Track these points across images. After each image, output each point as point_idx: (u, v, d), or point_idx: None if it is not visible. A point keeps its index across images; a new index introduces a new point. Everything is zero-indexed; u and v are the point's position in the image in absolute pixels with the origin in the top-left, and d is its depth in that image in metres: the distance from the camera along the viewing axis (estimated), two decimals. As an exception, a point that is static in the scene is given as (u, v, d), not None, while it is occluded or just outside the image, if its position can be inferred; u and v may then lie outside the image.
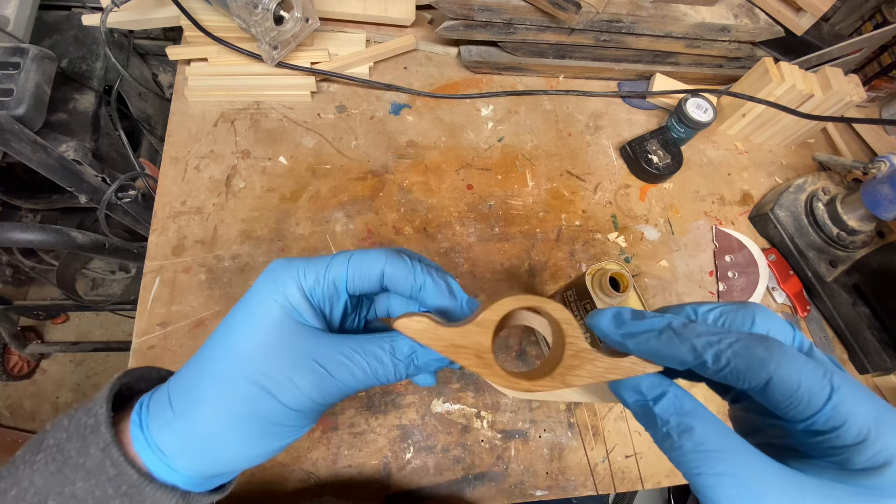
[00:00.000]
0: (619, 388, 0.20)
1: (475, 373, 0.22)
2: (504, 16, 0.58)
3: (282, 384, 0.20)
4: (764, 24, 0.64)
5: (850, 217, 0.58)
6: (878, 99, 0.79)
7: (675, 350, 0.18)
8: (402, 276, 0.23)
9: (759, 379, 0.17)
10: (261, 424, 0.20)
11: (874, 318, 0.58)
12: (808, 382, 0.16)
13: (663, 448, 0.18)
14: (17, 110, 0.59)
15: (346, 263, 0.22)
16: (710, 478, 0.16)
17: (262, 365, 0.20)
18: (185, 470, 0.21)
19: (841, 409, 0.16)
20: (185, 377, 0.21)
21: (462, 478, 0.46)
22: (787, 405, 0.17)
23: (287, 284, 0.21)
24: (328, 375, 0.20)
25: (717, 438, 0.17)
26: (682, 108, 0.62)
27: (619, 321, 0.20)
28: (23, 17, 0.65)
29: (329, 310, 0.23)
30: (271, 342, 0.21)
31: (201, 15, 0.54)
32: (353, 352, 0.21)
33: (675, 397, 0.18)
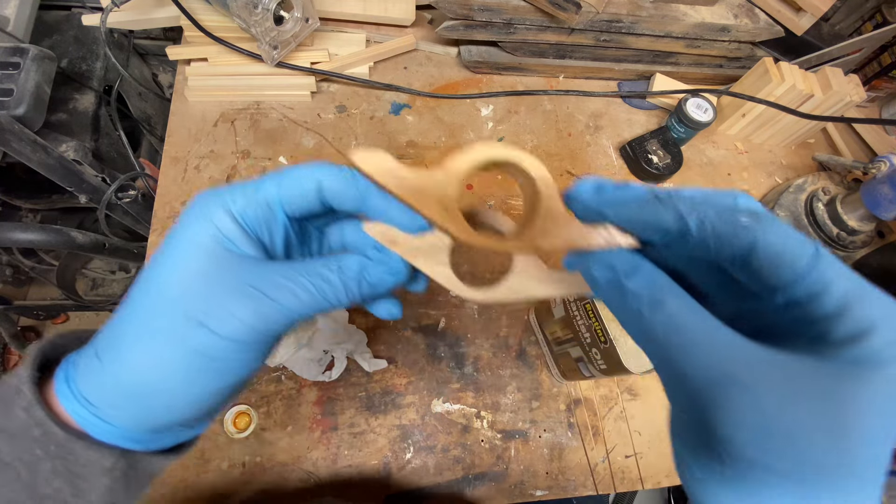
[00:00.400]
0: (590, 265, 0.19)
1: (437, 226, 0.20)
2: (504, 16, 0.58)
3: (215, 314, 0.18)
4: (764, 24, 0.64)
5: (850, 217, 0.58)
6: (878, 99, 0.79)
7: (658, 215, 0.17)
8: (341, 187, 0.20)
9: (743, 243, 0.16)
10: (197, 360, 0.18)
11: (874, 318, 0.58)
12: (792, 246, 0.16)
13: (632, 329, 0.18)
14: (17, 110, 0.59)
15: (278, 179, 0.20)
16: (680, 350, 0.16)
17: (192, 296, 0.18)
18: (119, 422, 0.19)
19: (823, 274, 0.16)
20: (112, 324, 0.19)
21: (462, 478, 0.46)
22: (769, 271, 0.16)
23: (214, 211, 0.19)
24: (267, 299, 0.18)
25: (689, 314, 0.16)
26: (682, 108, 0.62)
27: (601, 190, 0.19)
28: (23, 17, 0.65)
29: (268, 236, 0.21)
30: (201, 273, 0.19)
31: (201, 15, 0.54)
32: (295, 273, 0.19)
33: (648, 272, 0.18)
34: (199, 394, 0.19)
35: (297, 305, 0.19)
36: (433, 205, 0.19)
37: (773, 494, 0.15)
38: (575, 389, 0.51)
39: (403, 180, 0.19)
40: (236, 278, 0.19)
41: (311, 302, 0.19)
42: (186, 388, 0.18)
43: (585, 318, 0.41)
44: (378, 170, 0.19)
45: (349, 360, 0.47)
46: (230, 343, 0.18)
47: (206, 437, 0.43)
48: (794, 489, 0.15)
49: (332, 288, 0.20)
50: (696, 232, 0.17)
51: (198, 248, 0.19)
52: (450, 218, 0.20)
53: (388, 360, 0.48)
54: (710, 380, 0.15)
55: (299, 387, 0.46)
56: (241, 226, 0.19)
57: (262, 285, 0.18)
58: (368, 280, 0.21)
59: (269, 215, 0.20)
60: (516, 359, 0.51)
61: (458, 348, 0.51)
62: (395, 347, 0.50)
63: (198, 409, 0.19)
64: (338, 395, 0.47)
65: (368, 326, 0.49)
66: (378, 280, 0.21)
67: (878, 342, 0.15)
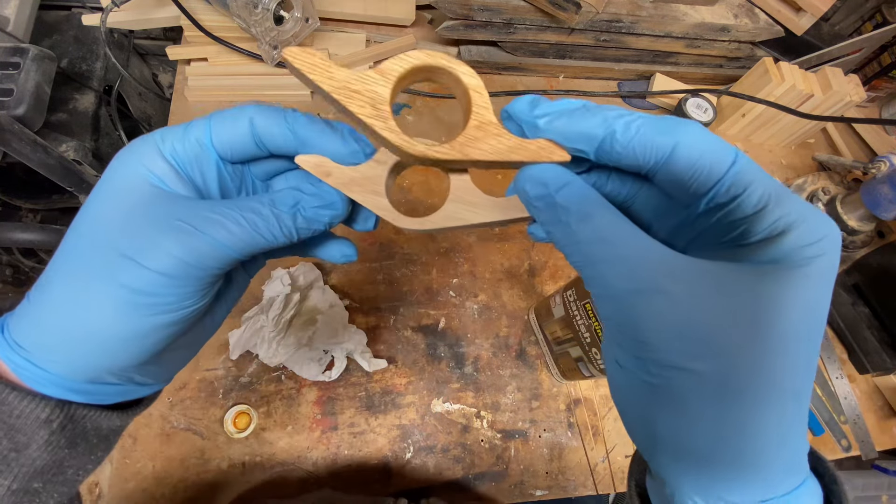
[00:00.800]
0: (522, 181, 0.19)
1: (367, 126, 0.19)
2: (504, 16, 0.58)
3: (144, 248, 0.17)
4: (764, 24, 0.64)
5: (850, 217, 0.58)
6: (878, 99, 0.79)
7: (587, 123, 0.18)
8: (273, 123, 0.20)
9: (665, 147, 0.16)
10: (125, 295, 0.17)
11: (874, 318, 0.58)
12: (712, 148, 0.16)
13: (564, 244, 0.18)
14: (17, 110, 0.59)
15: (208, 118, 0.20)
16: (607, 262, 0.16)
17: (120, 232, 0.18)
18: (53, 368, 0.18)
19: (742, 176, 0.16)
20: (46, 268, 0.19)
21: (462, 477, 0.46)
22: (691, 175, 0.17)
23: (144, 150, 0.19)
24: (197, 232, 0.18)
25: (616, 227, 0.17)
26: (682, 108, 0.62)
27: (536, 103, 0.19)
28: (23, 17, 0.65)
29: (200, 176, 0.20)
30: (129, 210, 0.18)
31: (201, 15, 0.54)
32: (225, 208, 0.19)
33: (579, 186, 0.18)
34: (132, 332, 0.18)
35: (228, 239, 0.18)
36: (365, 104, 0.19)
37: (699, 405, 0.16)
38: (575, 389, 0.51)
39: (333, 75, 0.19)
40: (166, 214, 0.18)
41: (243, 236, 0.19)
42: (117, 326, 0.18)
43: (585, 318, 0.41)
44: (307, 65, 0.18)
45: (349, 359, 0.47)
46: (160, 277, 0.18)
47: (206, 437, 0.43)
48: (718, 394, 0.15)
49: (264, 221, 0.19)
50: (621, 136, 0.17)
51: (127, 187, 0.19)
52: (379, 116, 0.19)
53: (388, 359, 0.48)
54: (633, 289, 0.16)
55: (299, 387, 0.46)
56: (171, 164, 0.19)
57: (191, 219, 0.18)
58: (303, 214, 0.20)
59: (200, 153, 0.20)
60: (516, 359, 0.51)
61: (458, 348, 0.51)
62: (395, 347, 0.50)
63: (135, 353, 0.19)
64: (338, 395, 0.47)
65: (368, 326, 0.49)
66: (313, 214, 0.20)
67: (795, 241, 0.15)
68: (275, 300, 0.45)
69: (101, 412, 0.20)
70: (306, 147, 0.20)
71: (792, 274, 0.15)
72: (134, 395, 0.21)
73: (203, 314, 0.21)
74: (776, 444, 0.16)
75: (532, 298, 0.54)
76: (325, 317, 0.47)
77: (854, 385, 0.58)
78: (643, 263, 0.16)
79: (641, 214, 0.21)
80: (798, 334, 0.15)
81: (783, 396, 0.16)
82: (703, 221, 0.18)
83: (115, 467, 0.41)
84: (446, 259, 0.55)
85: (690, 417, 0.16)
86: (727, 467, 0.16)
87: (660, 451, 0.18)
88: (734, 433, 0.16)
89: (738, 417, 0.16)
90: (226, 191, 0.21)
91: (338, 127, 0.21)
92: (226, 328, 0.46)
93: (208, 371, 0.45)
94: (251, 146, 0.20)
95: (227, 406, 0.44)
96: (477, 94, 0.19)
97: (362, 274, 0.52)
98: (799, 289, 0.15)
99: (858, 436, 0.55)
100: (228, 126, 0.20)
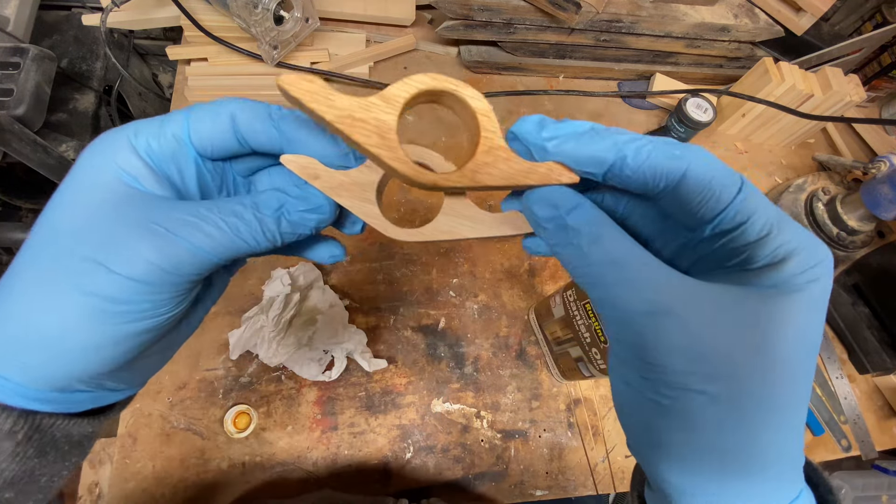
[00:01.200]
0: (531, 203, 0.19)
1: (373, 155, 0.18)
2: (504, 16, 0.58)
3: (115, 252, 0.16)
4: (764, 24, 0.64)
5: (850, 217, 0.58)
6: (878, 99, 0.79)
7: (597, 146, 0.18)
8: (257, 120, 0.19)
9: (676, 172, 0.17)
10: (94, 302, 0.16)
11: (874, 318, 0.58)
12: (720, 175, 0.17)
13: (573, 266, 0.18)
14: (17, 110, 0.59)
15: (186, 112, 0.18)
16: (617, 284, 0.17)
17: (88, 235, 0.17)
18: (16, 377, 0.17)
19: (748, 202, 0.17)
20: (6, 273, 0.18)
21: (462, 477, 0.46)
22: (699, 200, 0.17)
23: (115, 146, 0.18)
24: (173, 236, 0.17)
25: (626, 249, 0.17)
26: (682, 108, 0.62)
27: (543, 125, 0.18)
28: (23, 17, 0.65)
29: (177, 174, 0.19)
30: (99, 210, 0.17)
31: (201, 15, 0.54)
32: (205, 210, 0.18)
33: (589, 208, 0.18)
34: (102, 341, 0.17)
35: (207, 244, 0.17)
36: (371, 133, 0.18)
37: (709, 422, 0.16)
38: (575, 389, 0.51)
39: (334, 104, 0.17)
40: (139, 215, 0.17)
41: (224, 241, 0.18)
42: (85, 334, 0.17)
43: (585, 318, 0.41)
44: (306, 94, 0.17)
45: (349, 359, 0.47)
46: (133, 283, 0.16)
47: (206, 437, 0.43)
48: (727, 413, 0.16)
49: (246, 226, 0.18)
50: (632, 160, 0.17)
51: (96, 185, 0.17)
52: (386, 145, 0.18)
53: (388, 359, 0.48)
54: (643, 312, 0.16)
55: (299, 387, 0.46)
56: (145, 162, 0.18)
57: (168, 222, 0.17)
58: (288, 218, 0.19)
59: (178, 150, 0.18)
60: (516, 359, 0.51)
61: (458, 348, 0.51)
62: (395, 347, 0.50)
63: (105, 361, 0.17)
64: (338, 395, 0.47)
65: (368, 326, 0.49)
66: (298, 218, 0.19)
67: (796, 267, 0.16)
68: (275, 300, 0.45)
69: (71, 420, 0.19)
70: (292, 146, 0.19)
71: (793, 298, 0.16)
72: (105, 400, 0.20)
73: (180, 319, 0.20)
74: (777, 456, 0.17)
75: (532, 298, 0.54)
76: (325, 317, 0.47)
77: (854, 385, 0.58)
78: (654, 286, 0.16)
79: (640, 229, 0.21)
80: (798, 353, 0.16)
81: (786, 412, 0.16)
82: (706, 245, 0.18)
83: (115, 467, 0.41)
84: (446, 259, 0.55)
85: (699, 434, 0.16)
86: (732, 479, 0.17)
87: (665, 464, 0.18)
88: (741, 448, 0.16)
89: (744, 433, 0.16)
90: (206, 189, 0.20)
91: None
92: (226, 328, 0.46)
93: (208, 371, 0.45)
94: (233, 143, 0.19)
95: (227, 406, 0.44)
96: (485, 118, 0.19)
97: (362, 274, 0.52)
98: (800, 312, 0.16)
99: (858, 436, 0.55)
100: (208, 122, 0.18)
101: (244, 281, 0.49)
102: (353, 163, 0.20)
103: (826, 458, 0.54)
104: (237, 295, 0.49)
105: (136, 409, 0.43)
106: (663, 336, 0.16)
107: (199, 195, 0.20)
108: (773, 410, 0.16)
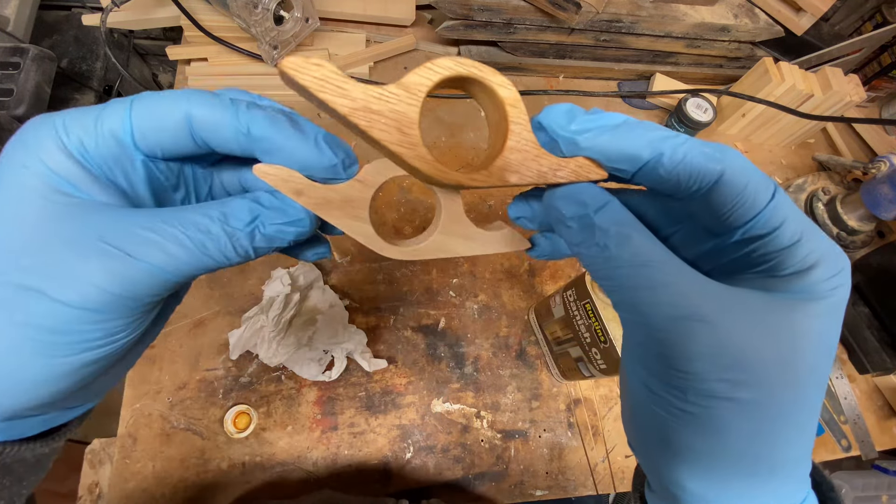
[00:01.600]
0: (557, 199, 0.18)
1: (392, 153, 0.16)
2: (504, 16, 0.58)
3: (55, 277, 0.14)
4: (764, 24, 0.64)
5: (850, 217, 0.58)
6: (878, 99, 0.79)
7: (633, 142, 0.17)
8: (220, 120, 0.16)
9: (712, 174, 0.16)
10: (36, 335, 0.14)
11: (874, 318, 0.58)
12: (755, 180, 0.16)
13: (597, 266, 0.17)
14: (17, 110, 0.59)
15: (128, 107, 0.15)
16: (645, 287, 0.16)
17: (19, 256, 0.14)
18: None
19: (780, 209, 0.16)
20: None
21: (462, 477, 0.46)
22: (732, 204, 0.16)
23: (42, 145, 0.15)
24: (126, 256, 0.14)
25: (654, 250, 0.16)
26: (682, 108, 0.62)
27: (572, 115, 0.17)
28: (23, 17, 0.65)
29: (123, 178, 0.16)
30: (31, 225, 0.14)
31: (201, 15, 0.54)
32: (162, 223, 0.15)
33: (617, 207, 0.17)
34: (47, 375, 0.15)
35: (168, 263, 0.15)
36: (391, 128, 0.16)
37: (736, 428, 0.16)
38: (575, 389, 0.51)
39: (347, 93, 0.15)
40: (82, 230, 0.14)
41: (188, 259, 0.15)
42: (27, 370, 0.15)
43: (585, 318, 0.41)
44: (314, 81, 0.15)
45: (349, 359, 0.47)
46: (80, 312, 0.14)
47: (206, 437, 0.43)
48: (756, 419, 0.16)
49: (214, 242, 0.16)
50: (668, 160, 0.16)
51: (23, 193, 0.14)
52: (409, 142, 0.16)
53: (388, 359, 0.48)
54: (672, 316, 0.16)
55: (299, 387, 0.46)
56: (80, 164, 0.15)
57: (118, 239, 0.14)
58: (263, 232, 0.17)
59: (119, 152, 0.15)
60: (516, 359, 0.51)
61: (458, 348, 0.51)
62: (395, 347, 0.50)
63: (54, 392, 0.15)
64: (338, 395, 0.47)
65: (368, 326, 0.49)
66: (275, 231, 0.17)
67: (822, 274, 0.16)
68: (275, 300, 0.45)
69: (22, 445, 0.17)
70: (266, 153, 0.16)
71: (819, 305, 0.16)
72: (58, 421, 0.19)
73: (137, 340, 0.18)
74: (794, 460, 0.17)
75: (532, 298, 0.54)
76: (325, 317, 0.47)
77: (854, 385, 0.58)
78: (684, 291, 0.16)
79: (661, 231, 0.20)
80: (819, 360, 0.16)
81: (805, 417, 0.17)
82: (731, 250, 0.17)
83: (115, 467, 0.41)
84: (446, 259, 0.55)
85: (724, 441, 0.16)
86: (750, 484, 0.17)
87: (682, 469, 0.17)
88: (763, 454, 0.16)
89: (768, 440, 0.16)
90: (159, 192, 0.17)
91: (307, 129, 0.17)
92: (226, 328, 0.46)
93: (208, 371, 0.45)
94: (188, 144, 0.16)
95: (227, 406, 0.44)
96: (514, 109, 0.17)
97: (362, 274, 0.52)
98: (825, 319, 0.16)
99: (858, 436, 0.55)
100: (156, 119, 0.15)
101: (244, 281, 0.49)
102: (342, 175, 0.18)
103: (826, 458, 0.54)
104: (237, 295, 0.49)
105: (136, 409, 0.43)
106: (692, 342, 0.15)
107: (153, 199, 0.17)
108: (796, 416, 0.16)
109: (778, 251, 0.16)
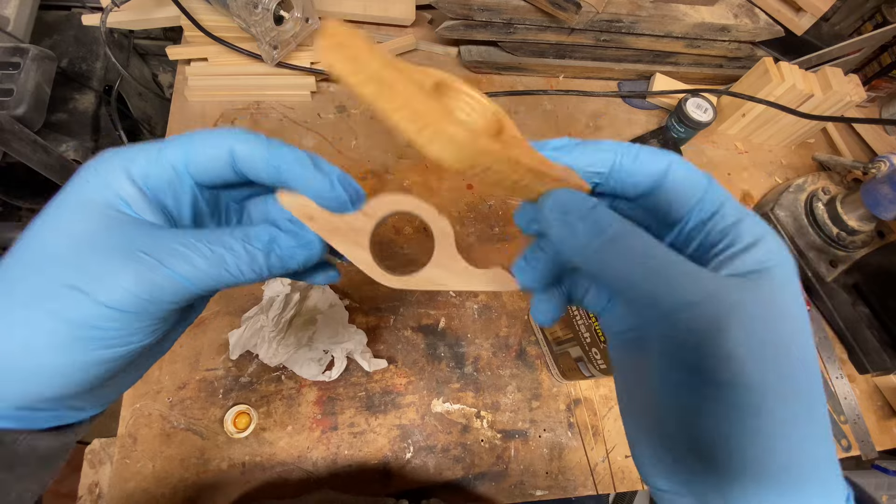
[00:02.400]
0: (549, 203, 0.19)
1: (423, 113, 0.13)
2: (504, 16, 0.58)
3: (97, 278, 0.16)
4: (764, 24, 0.64)
5: (850, 217, 0.58)
6: (878, 99, 0.79)
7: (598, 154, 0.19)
8: (256, 156, 0.19)
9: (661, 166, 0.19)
10: (68, 329, 0.16)
11: (874, 318, 0.58)
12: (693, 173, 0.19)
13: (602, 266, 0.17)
14: (17, 110, 0.59)
15: (186, 141, 0.18)
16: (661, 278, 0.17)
17: (69, 258, 0.17)
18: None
19: (717, 194, 0.18)
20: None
21: (462, 477, 0.46)
22: (680, 193, 0.19)
23: (111, 170, 0.18)
24: (157, 264, 0.17)
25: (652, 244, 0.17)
26: (682, 108, 0.62)
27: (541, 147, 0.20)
28: (23, 17, 0.65)
29: (173, 202, 0.19)
30: (85, 234, 0.17)
31: (201, 15, 0.54)
32: (193, 240, 0.18)
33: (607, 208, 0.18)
34: (69, 366, 0.17)
35: (191, 274, 0.17)
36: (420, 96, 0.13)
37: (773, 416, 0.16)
38: (575, 389, 0.51)
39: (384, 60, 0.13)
40: (126, 242, 0.17)
41: (209, 271, 0.18)
42: (53, 358, 0.17)
43: (585, 318, 0.41)
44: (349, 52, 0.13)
45: (349, 359, 0.47)
46: (110, 311, 0.16)
47: (206, 437, 0.43)
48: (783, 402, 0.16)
49: (234, 257, 0.18)
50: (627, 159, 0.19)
51: (85, 208, 0.17)
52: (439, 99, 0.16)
53: (388, 359, 0.48)
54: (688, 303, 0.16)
55: (299, 387, 0.46)
56: (140, 189, 0.18)
57: (155, 250, 0.17)
58: (278, 252, 0.19)
59: (175, 179, 0.19)
60: (516, 359, 0.51)
61: (458, 348, 0.51)
62: (395, 347, 0.50)
63: (71, 385, 0.17)
64: (338, 395, 0.47)
65: (368, 326, 0.49)
66: (289, 253, 0.20)
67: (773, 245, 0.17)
68: (275, 300, 0.45)
69: (35, 434, 0.19)
70: (289, 183, 0.19)
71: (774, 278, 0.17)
72: (68, 420, 0.20)
73: (153, 345, 0.20)
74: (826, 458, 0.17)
75: (532, 298, 0.54)
76: (325, 317, 0.47)
77: (854, 385, 0.58)
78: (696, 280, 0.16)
79: None
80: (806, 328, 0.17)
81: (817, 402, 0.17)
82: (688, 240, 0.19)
83: (115, 467, 0.41)
84: (446, 259, 0.55)
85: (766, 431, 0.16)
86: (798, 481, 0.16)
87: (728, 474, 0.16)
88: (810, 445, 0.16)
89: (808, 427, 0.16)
90: (199, 216, 0.20)
91: (326, 170, 0.20)
92: (226, 328, 0.46)
93: (208, 371, 0.45)
94: (229, 174, 0.19)
95: (227, 406, 0.44)
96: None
97: (362, 274, 0.52)
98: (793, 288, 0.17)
99: (858, 436, 0.55)
100: (207, 153, 0.18)
101: (244, 281, 0.49)
102: (350, 208, 0.21)
103: (826, 458, 0.54)
104: (237, 295, 0.49)
105: (136, 409, 0.43)
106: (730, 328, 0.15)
107: (193, 222, 0.20)
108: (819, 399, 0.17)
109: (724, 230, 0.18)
